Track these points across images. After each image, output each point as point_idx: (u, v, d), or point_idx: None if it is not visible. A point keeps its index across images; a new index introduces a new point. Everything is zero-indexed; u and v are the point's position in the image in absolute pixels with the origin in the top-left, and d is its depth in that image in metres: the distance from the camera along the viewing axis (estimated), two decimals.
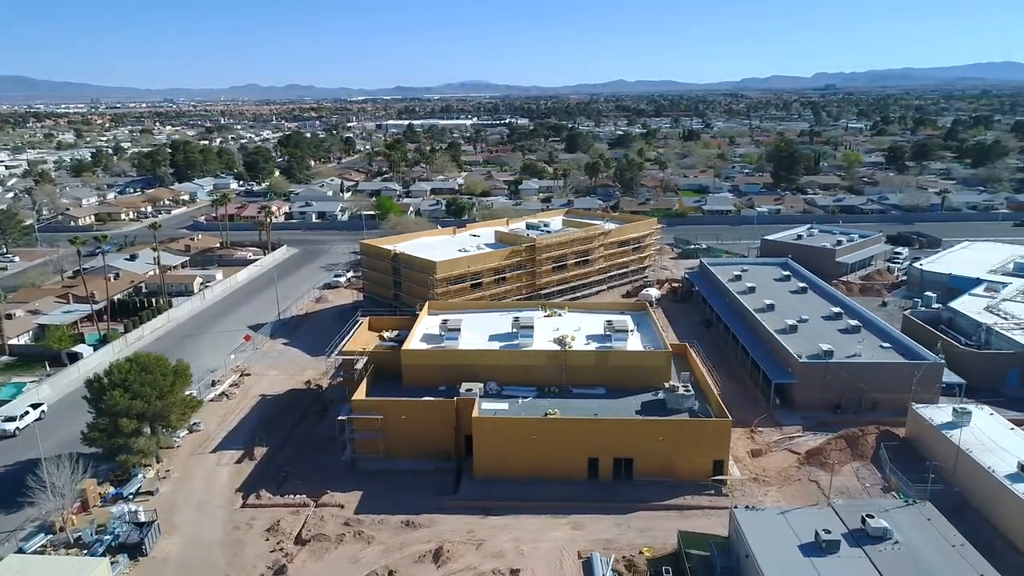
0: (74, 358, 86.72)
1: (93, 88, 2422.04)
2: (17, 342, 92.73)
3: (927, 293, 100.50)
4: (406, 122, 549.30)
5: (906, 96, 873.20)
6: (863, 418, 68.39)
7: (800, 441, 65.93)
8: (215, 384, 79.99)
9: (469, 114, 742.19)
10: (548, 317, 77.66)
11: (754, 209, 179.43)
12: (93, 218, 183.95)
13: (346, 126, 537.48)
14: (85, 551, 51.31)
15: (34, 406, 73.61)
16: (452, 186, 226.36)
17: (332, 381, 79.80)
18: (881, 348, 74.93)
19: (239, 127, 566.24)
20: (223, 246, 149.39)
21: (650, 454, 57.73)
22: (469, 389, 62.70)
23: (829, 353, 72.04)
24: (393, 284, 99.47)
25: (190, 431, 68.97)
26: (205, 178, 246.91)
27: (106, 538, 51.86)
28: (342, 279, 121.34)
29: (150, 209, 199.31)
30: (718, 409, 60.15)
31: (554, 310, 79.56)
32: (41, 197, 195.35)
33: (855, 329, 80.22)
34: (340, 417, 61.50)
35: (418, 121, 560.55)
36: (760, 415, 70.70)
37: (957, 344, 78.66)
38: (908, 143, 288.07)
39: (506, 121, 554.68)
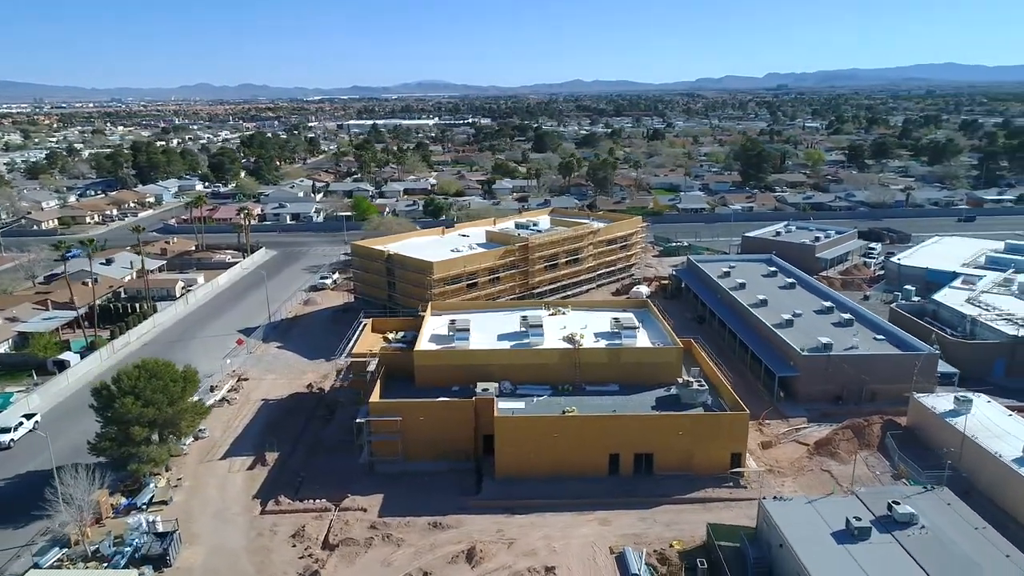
0: (61, 366, 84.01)
1: (36, 87, 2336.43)
2: None
3: (907, 287, 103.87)
4: (367, 122, 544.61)
5: (855, 96, 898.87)
6: (863, 408, 70.53)
7: (806, 432, 67.70)
8: (214, 389, 78.28)
9: (430, 114, 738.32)
10: (552, 316, 78.14)
11: (728, 207, 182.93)
12: (56, 222, 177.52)
13: (307, 126, 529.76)
14: (105, 564, 49.88)
15: (27, 417, 71.05)
16: (424, 186, 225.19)
17: (338, 383, 78.78)
18: (875, 340, 77.29)
19: (195, 127, 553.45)
20: (199, 249, 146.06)
21: (670, 449, 58.61)
22: (486, 389, 62.79)
23: (828, 346, 74.05)
24: (387, 285, 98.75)
25: (196, 438, 67.51)
26: (169, 180, 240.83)
27: (126, 550, 50.52)
28: (328, 281, 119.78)
29: (115, 212, 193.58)
30: (732, 402, 61.37)
31: (558, 308, 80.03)
32: (1, 200, 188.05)
33: (848, 322, 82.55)
34: (358, 420, 60.86)
35: (381, 121, 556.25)
36: (764, 408, 72.23)
37: (945, 335, 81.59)
38: (865, 142, 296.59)
39: (469, 121, 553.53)
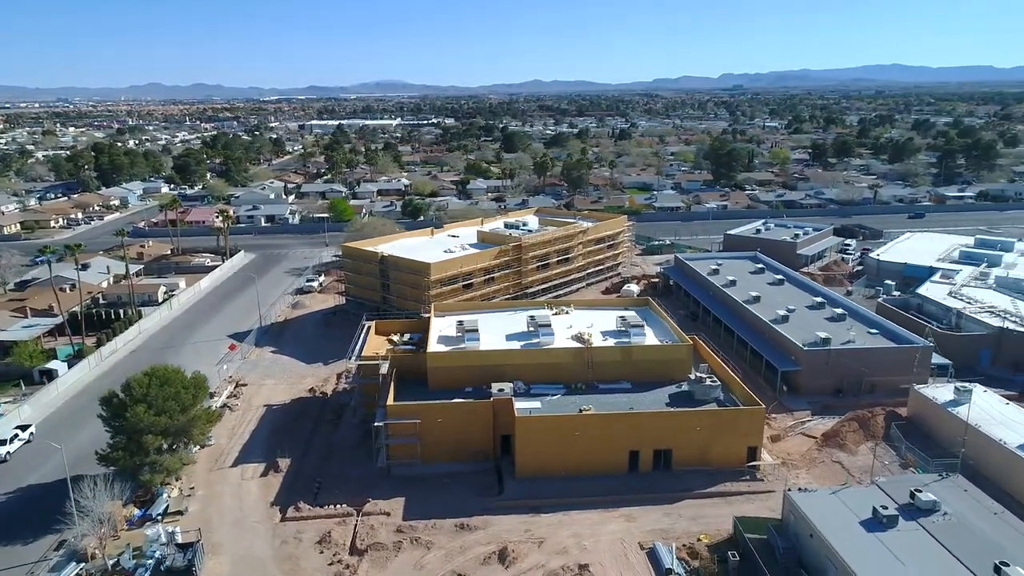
0: (48, 375, 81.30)
1: None
2: None
3: (887, 281, 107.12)
4: (330, 122, 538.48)
5: (809, 96, 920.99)
6: (863, 400, 72.52)
7: (811, 425, 69.36)
8: (213, 396, 76.58)
9: (392, 114, 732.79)
10: (557, 315, 78.46)
11: (703, 205, 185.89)
12: (19, 226, 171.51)
13: (269, 127, 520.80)
14: None
15: (22, 428, 68.55)
16: (398, 187, 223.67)
17: (347, 386, 77.82)
18: (870, 334, 79.52)
19: (151, 128, 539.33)
20: (175, 253, 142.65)
21: (688, 444, 59.46)
22: (501, 389, 62.81)
23: (828, 341, 75.96)
24: (381, 287, 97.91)
25: (202, 446, 66.02)
26: (133, 182, 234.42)
27: (148, 562, 49.17)
28: (315, 283, 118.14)
29: (80, 216, 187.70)
30: (743, 397, 62.58)
31: (561, 308, 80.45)
32: None
33: (841, 317, 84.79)
34: (376, 423, 60.26)
35: (345, 121, 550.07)
36: (768, 402, 73.46)
37: (933, 328, 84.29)
38: (826, 141, 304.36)
39: (434, 121, 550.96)
